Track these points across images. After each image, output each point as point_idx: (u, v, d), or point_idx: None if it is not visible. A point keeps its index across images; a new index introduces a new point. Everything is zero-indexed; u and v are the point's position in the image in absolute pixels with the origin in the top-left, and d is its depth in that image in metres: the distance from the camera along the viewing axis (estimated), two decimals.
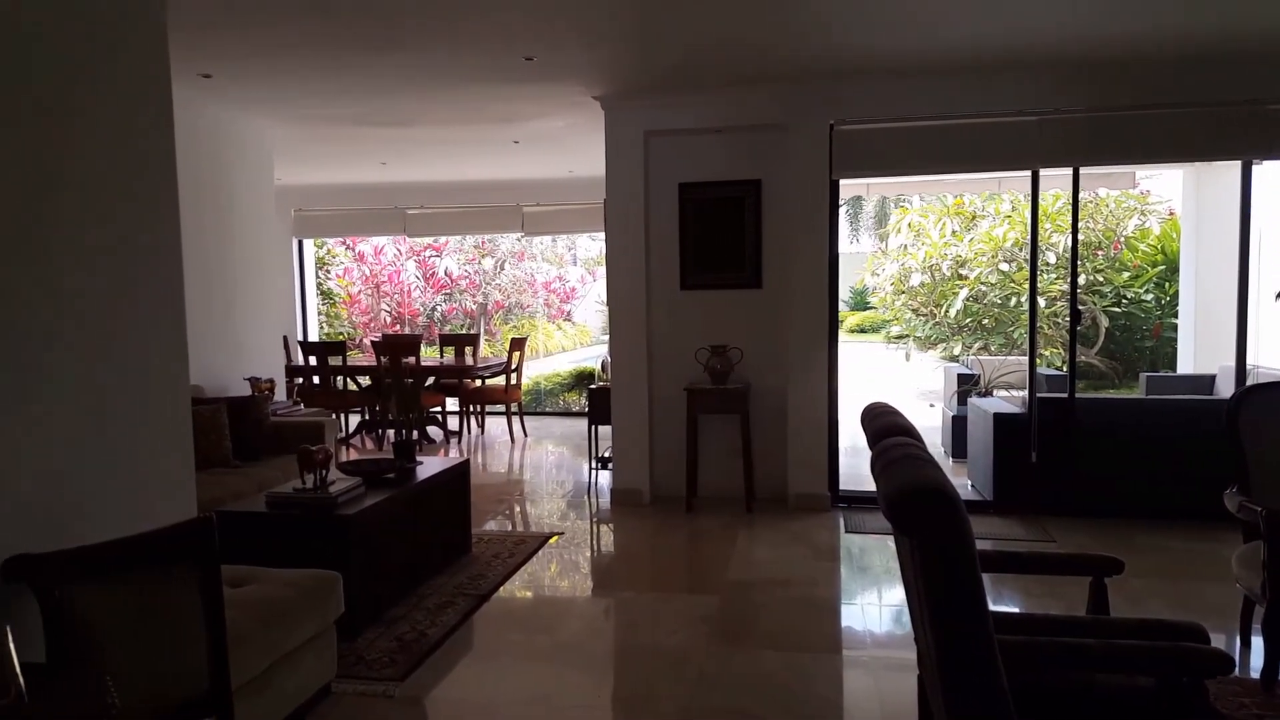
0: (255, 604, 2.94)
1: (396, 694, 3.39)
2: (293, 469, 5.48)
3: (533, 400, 11.79)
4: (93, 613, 1.82)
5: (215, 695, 2.05)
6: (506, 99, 6.32)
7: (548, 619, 4.23)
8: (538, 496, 6.84)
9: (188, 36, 4.62)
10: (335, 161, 9.21)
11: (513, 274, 16.67)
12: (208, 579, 2.04)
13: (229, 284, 6.71)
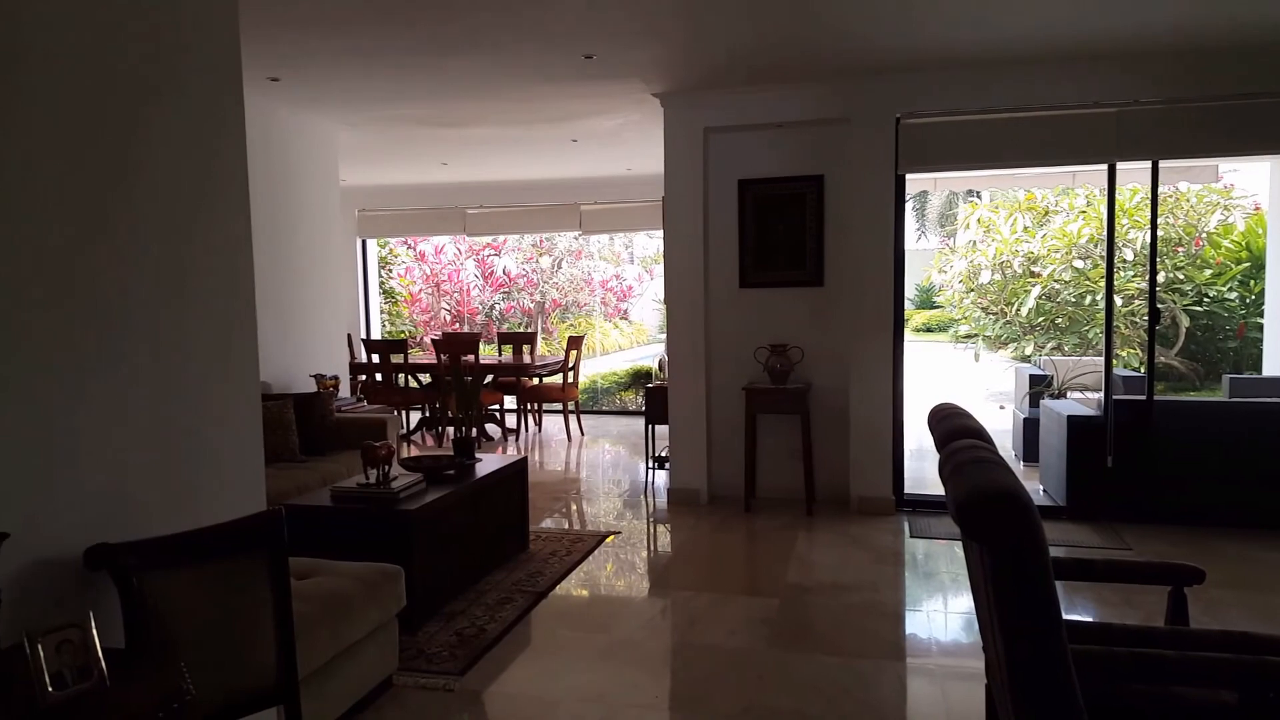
0: (320, 596, 2.99)
1: (456, 688, 3.42)
2: (356, 464, 5.58)
3: (589, 399, 11.83)
4: (168, 601, 1.86)
5: (282, 685, 2.09)
6: (566, 98, 6.34)
7: (604, 617, 4.23)
8: (594, 495, 6.85)
9: (257, 41, 4.73)
10: (398, 162, 9.35)
11: (570, 272, 16.75)
12: (277, 570, 2.07)
13: (296, 283, 6.86)
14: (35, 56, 1.81)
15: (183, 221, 2.21)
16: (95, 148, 1.97)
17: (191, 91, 2.24)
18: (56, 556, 1.82)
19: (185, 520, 2.12)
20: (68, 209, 1.90)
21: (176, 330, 2.18)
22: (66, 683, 1.43)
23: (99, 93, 1.97)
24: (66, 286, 1.88)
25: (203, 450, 2.26)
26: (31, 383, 1.78)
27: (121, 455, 2.00)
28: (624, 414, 11.24)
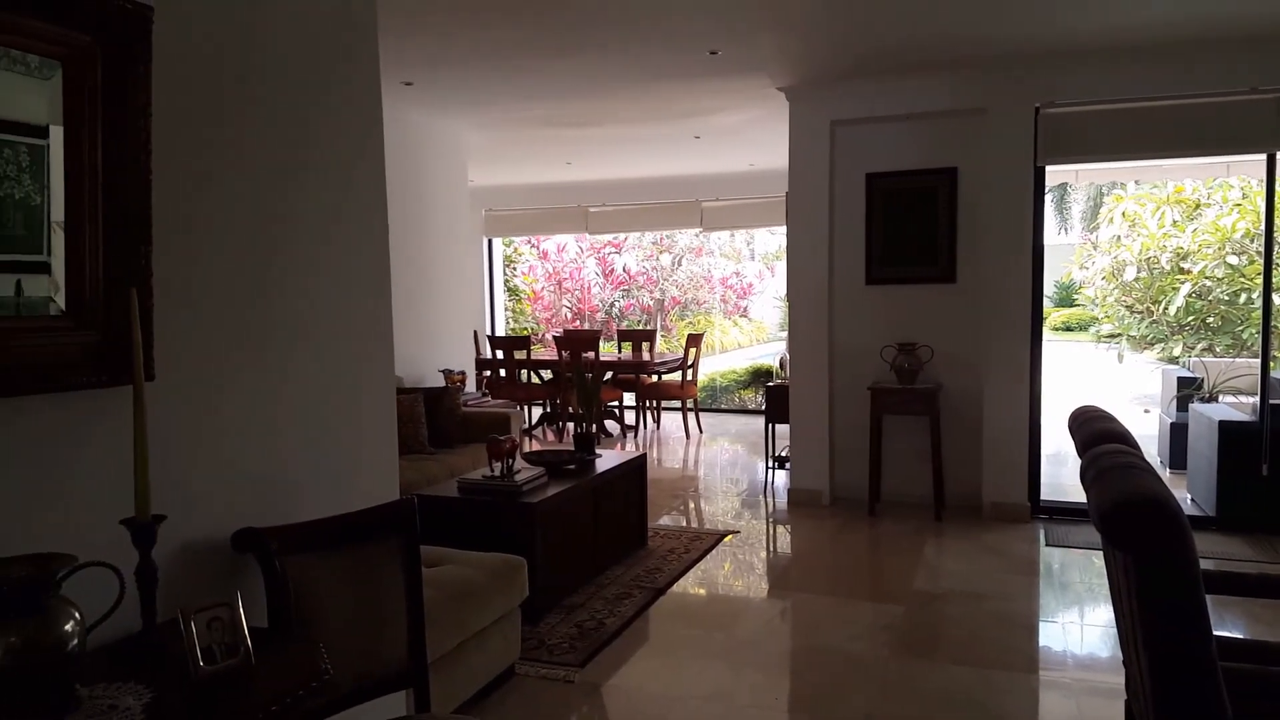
0: (448, 584, 3.06)
1: (576, 679, 3.45)
2: (481, 457, 5.71)
3: (708, 396, 11.79)
4: (308, 584, 1.93)
5: (413, 669, 2.14)
6: (689, 95, 6.32)
7: (723, 617, 4.19)
8: (712, 494, 6.81)
9: (393, 47, 4.90)
10: (523, 162, 9.55)
11: (690, 270, 16.74)
12: (409, 557, 2.13)
13: (426, 282, 7.10)
14: (230, 80, 1.91)
15: (330, 226, 2.30)
16: (266, 156, 2.07)
17: (339, 100, 2.33)
18: (207, 539, 1.91)
19: (325, 507, 2.20)
20: (241, 219, 2.00)
21: (321, 328, 2.26)
22: (216, 658, 1.50)
23: (272, 108, 2.07)
24: (230, 293, 1.98)
25: (342, 441, 2.34)
26: (191, 380, 1.88)
27: (268, 446, 2.10)
28: (743, 412, 11.14)
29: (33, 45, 1.51)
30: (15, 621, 1.26)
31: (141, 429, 1.54)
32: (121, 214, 1.65)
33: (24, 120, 1.53)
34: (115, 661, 1.55)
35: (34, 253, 1.56)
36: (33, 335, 1.54)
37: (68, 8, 1.54)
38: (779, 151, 6.43)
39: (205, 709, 1.43)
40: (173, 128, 1.78)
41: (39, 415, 1.58)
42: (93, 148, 1.60)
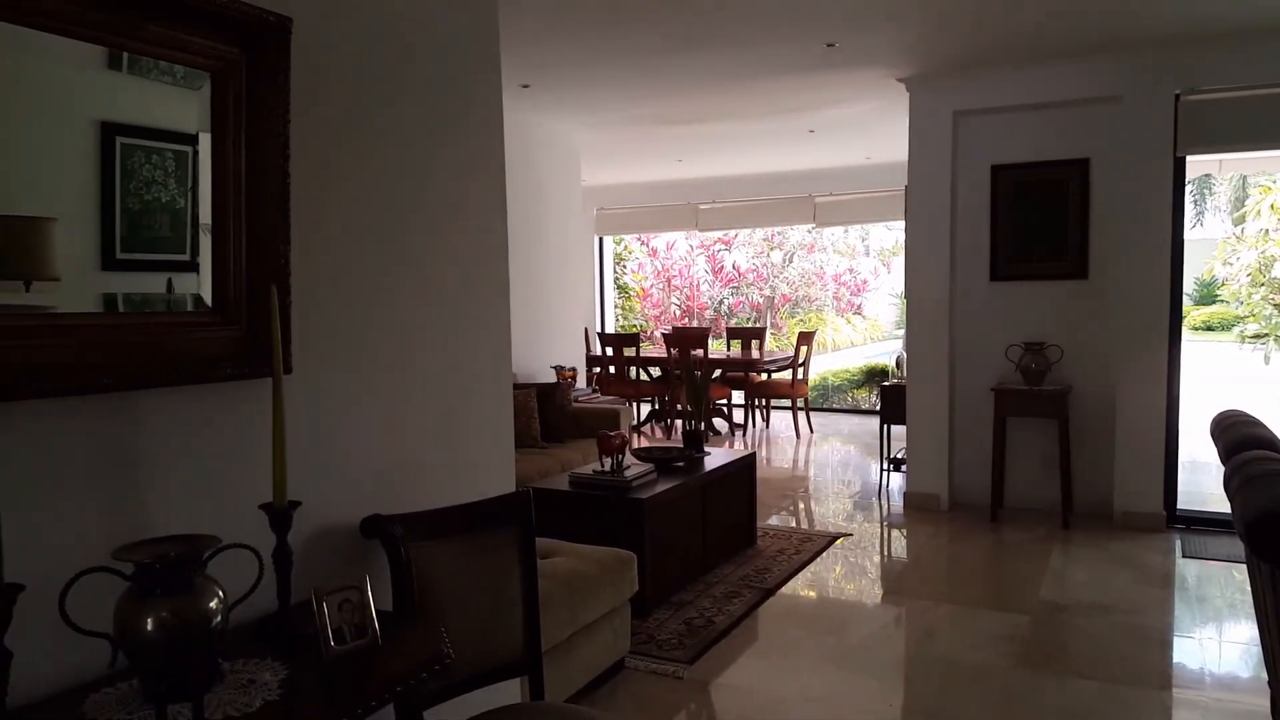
0: (561, 575, 3.12)
1: (685, 676, 3.46)
2: (591, 452, 5.79)
3: (819, 396, 11.61)
4: (430, 570, 2.00)
5: (527, 657, 2.19)
6: (804, 88, 6.24)
7: (834, 620, 4.12)
8: (823, 495, 6.71)
9: (512, 50, 5.01)
10: (634, 161, 9.61)
11: (801, 267, 16.52)
12: (525, 548, 2.18)
13: (539, 280, 7.24)
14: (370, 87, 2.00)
15: (453, 226, 2.37)
16: (393, 159, 2.15)
17: (463, 104, 2.40)
18: (336, 524, 2.00)
19: (445, 497, 2.28)
20: (369, 220, 2.09)
21: (443, 324, 2.34)
22: (346, 638, 1.57)
23: (399, 111, 2.16)
24: (359, 290, 2.07)
25: (462, 434, 2.42)
26: (323, 373, 1.97)
27: (393, 437, 2.18)
28: (856, 412, 10.93)
29: (188, 59, 1.61)
30: (167, 597, 1.34)
31: (280, 420, 1.63)
32: (262, 216, 1.74)
33: (173, 128, 1.64)
34: (253, 639, 1.64)
35: (178, 253, 1.67)
36: (183, 330, 1.65)
37: (220, 22, 1.63)
38: (898, 144, 6.27)
39: (336, 687, 1.50)
40: (306, 132, 1.87)
41: (188, 405, 1.68)
42: (236, 153, 1.69)
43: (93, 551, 1.46)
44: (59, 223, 1.48)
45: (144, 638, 1.32)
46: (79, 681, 1.47)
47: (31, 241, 1.45)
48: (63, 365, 1.44)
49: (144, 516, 1.61)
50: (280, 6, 1.75)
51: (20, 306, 1.42)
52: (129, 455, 1.59)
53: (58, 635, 1.32)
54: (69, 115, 1.49)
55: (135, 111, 1.58)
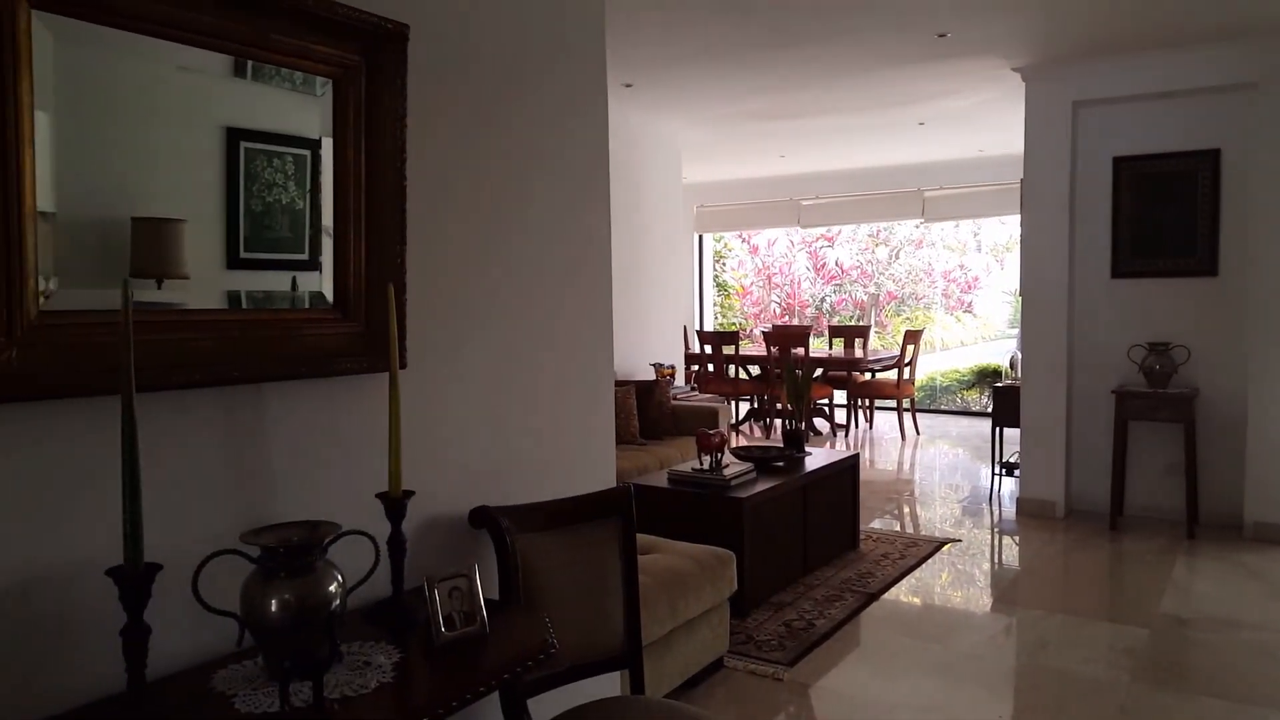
0: (660, 572, 3.13)
1: (785, 678, 3.42)
2: (690, 449, 5.79)
3: (926, 396, 11.31)
4: (534, 561, 2.04)
5: (628, 651, 2.21)
6: (914, 80, 6.09)
7: (940, 628, 4.01)
8: (930, 499, 6.53)
9: (615, 49, 5.05)
10: (736, 157, 9.56)
11: (909, 263, 16.10)
12: (626, 543, 2.20)
13: (639, 277, 7.28)
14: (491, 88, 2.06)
15: (558, 226, 2.41)
16: (500, 159, 2.20)
17: (568, 104, 2.44)
18: (445, 514, 2.07)
19: (548, 490, 2.32)
20: (477, 219, 2.15)
21: (548, 322, 2.38)
22: (455, 625, 1.62)
23: (506, 112, 2.21)
24: (467, 288, 2.13)
25: (565, 429, 2.46)
26: (435, 369, 2.04)
27: (499, 431, 2.23)
28: (965, 414, 10.62)
29: (312, 66, 1.69)
30: (290, 580, 1.41)
31: (396, 413, 1.69)
32: (379, 217, 1.81)
33: (293, 133, 1.71)
34: (367, 622, 1.71)
35: (297, 252, 1.74)
36: (306, 326, 1.73)
37: (343, 31, 1.71)
38: (1012, 135, 6.06)
39: (445, 671, 1.54)
40: (420, 135, 1.93)
41: (309, 398, 1.76)
42: (356, 156, 1.76)
43: (222, 535, 1.55)
44: (188, 224, 1.57)
45: (269, 618, 1.39)
46: (208, 658, 1.55)
47: (164, 242, 1.54)
48: (199, 359, 1.53)
49: (268, 503, 1.70)
50: (397, 13, 1.81)
51: (154, 303, 1.51)
52: (256, 444, 1.68)
53: (189, 614, 1.41)
54: (198, 121, 1.58)
55: (258, 117, 1.66)
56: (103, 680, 1.42)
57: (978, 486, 6.75)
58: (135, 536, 1.26)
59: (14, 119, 1.29)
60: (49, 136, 1.36)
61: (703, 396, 7.57)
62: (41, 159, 1.34)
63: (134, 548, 1.26)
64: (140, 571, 1.26)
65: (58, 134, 1.37)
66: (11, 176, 1.29)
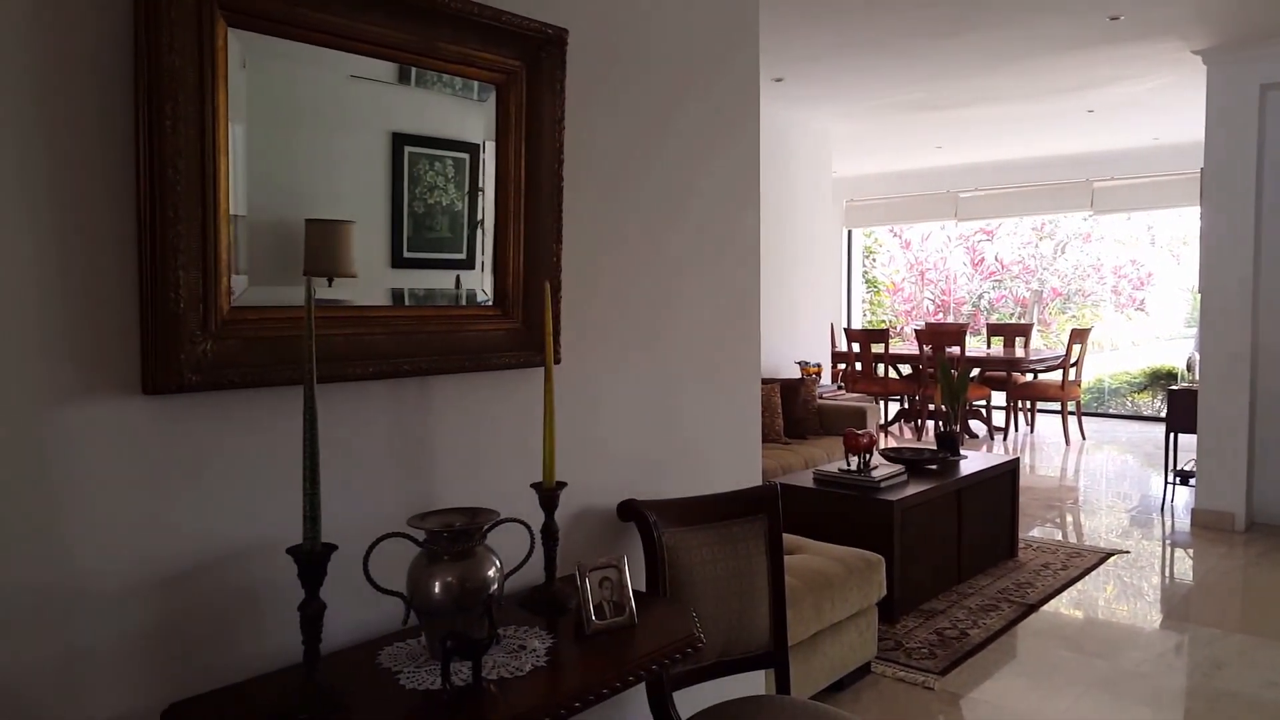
0: (805, 572, 3.10)
1: (935, 687, 3.32)
2: (836, 449, 5.69)
3: (1093, 399, 10.67)
4: (681, 556, 2.06)
5: (773, 650, 2.20)
6: (1084, 65, 5.75)
7: (1104, 643, 3.79)
8: (1095, 507, 6.16)
9: (766, 44, 5.02)
10: (888, 149, 9.30)
11: (1075, 258, 15.20)
12: (773, 542, 2.19)
13: (786, 274, 7.20)
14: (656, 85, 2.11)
15: (707, 222, 2.43)
16: (652, 158, 2.24)
17: (720, 101, 2.45)
18: (594, 506, 2.12)
19: (697, 486, 2.34)
20: (629, 216, 2.19)
21: (697, 319, 2.40)
22: (605, 614, 1.66)
23: (660, 111, 2.24)
24: (617, 285, 2.17)
25: (713, 427, 2.47)
26: (586, 364, 2.09)
27: (646, 426, 2.27)
28: (1136, 419, 9.97)
29: (476, 73, 1.77)
30: (453, 563, 1.49)
31: (550, 406, 1.74)
32: (537, 217, 1.87)
33: (455, 138, 1.78)
34: (520, 607, 1.77)
35: (456, 251, 1.81)
36: (470, 322, 1.81)
37: (506, 38, 1.77)
38: (1192, 122, 5.63)
39: (595, 659, 1.59)
40: (574, 135, 1.98)
41: (469, 390, 1.85)
42: (516, 159, 1.83)
43: (390, 519, 1.64)
44: (356, 225, 1.66)
45: (432, 599, 1.47)
46: (374, 635, 1.65)
47: (335, 242, 1.63)
48: (372, 352, 1.63)
49: (431, 489, 1.79)
50: (555, 18, 1.87)
51: (325, 300, 1.61)
52: (420, 433, 1.77)
53: (360, 592, 1.49)
54: (367, 127, 1.66)
55: (421, 122, 1.73)
56: (281, 651, 1.53)
57: (1148, 496, 6.32)
58: (314, 518, 1.34)
59: (212, 129, 1.39)
60: (241, 144, 1.46)
61: (850, 396, 7.41)
62: (236, 165, 1.45)
63: (313, 528, 1.34)
64: (318, 551, 1.34)
65: (247, 142, 1.48)
66: (209, 183, 1.40)
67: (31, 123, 1.27)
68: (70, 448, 1.32)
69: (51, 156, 1.29)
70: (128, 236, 1.36)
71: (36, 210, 1.28)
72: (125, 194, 1.36)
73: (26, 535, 1.29)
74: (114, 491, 1.37)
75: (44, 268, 1.29)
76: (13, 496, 1.27)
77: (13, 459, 1.27)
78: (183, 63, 1.35)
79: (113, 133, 1.35)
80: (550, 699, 1.42)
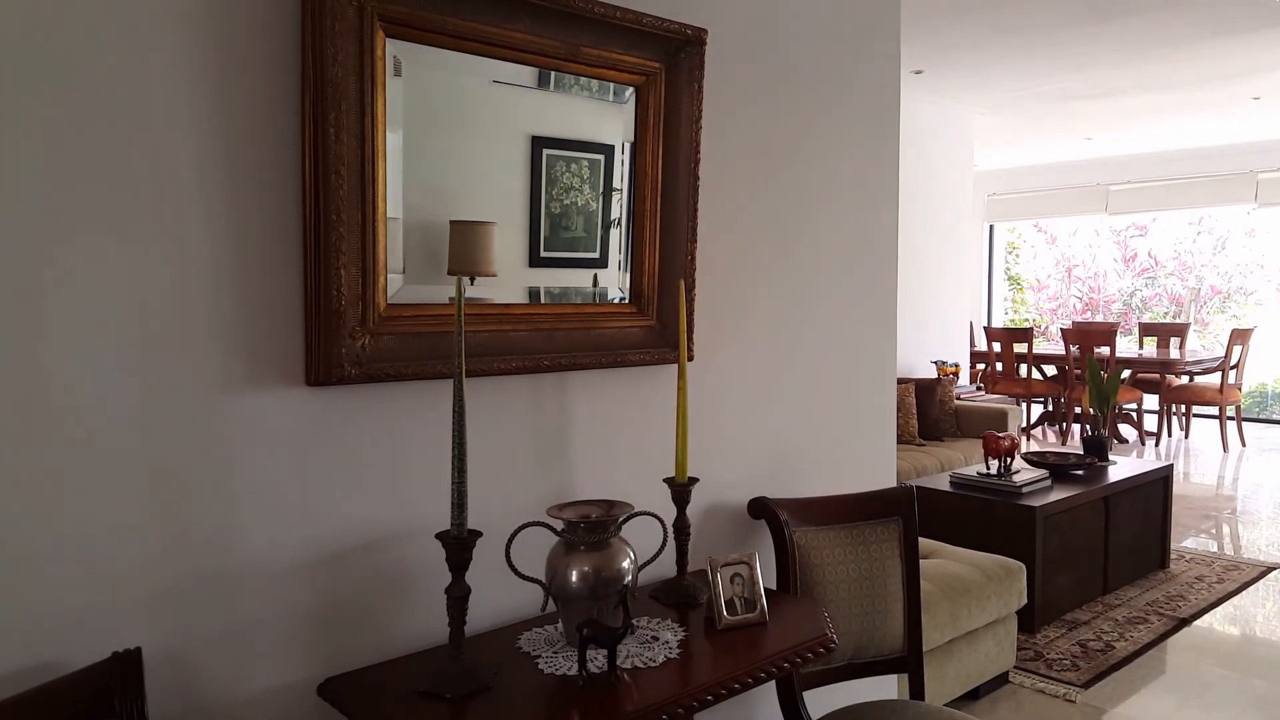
0: (941, 577, 3.02)
1: (1078, 700, 3.18)
2: (973, 452, 5.50)
3: (1256, 404, 9.93)
4: (812, 556, 2.05)
5: (907, 655, 2.16)
6: (1248, 50, 5.37)
7: (1263, 662, 3.54)
8: (1255, 519, 5.73)
9: (907, 35, 4.90)
10: (1034, 141, 8.91)
11: (1237, 254, 14.13)
12: (908, 545, 2.15)
13: (924, 270, 7.00)
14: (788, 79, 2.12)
15: (844, 217, 2.40)
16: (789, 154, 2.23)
17: (859, 96, 2.41)
18: (724, 502, 2.13)
19: (826, 485, 2.32)
20: (763, 214, 2.19)
21: (831, 316, 2.38)
22: (736, 609, 1.68)
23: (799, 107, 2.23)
24: (752, 284, 2.17)
25: (846, 426, 2.44)
26: (718, 362, 2.10)
27: (778, 424, 2.27)
28: None
29: (617, 75, 1.80)
30: (589, 553, 1.53)
31: (684, 403, 1.77)
32: (673, 217, 1.89)
33: (591, 139, 1.82)
34: (652, 599, 1.81)
35: (590, 251, 1.86)
36: (606, 320, 1.85)
37: (647, 40, 1.80)
38: None
39: (727, 653, 1.60)
40: (710, 135, 1.98)
41: (606, 386, 1.89)
42: (654, 159, 1.86)
43: (530, 508, 1.70)
44: (497, 225, 1.71)
45: (570, 587, 1.52)
46: (513, 619, 1.72)
47: (477, 242, 1.69)
48: (516, 348, 1.69)
49: (569, 481, 1.84)
50: (693, 18, 1.88)
51: (470, 298, 1.67)
52: (558, 427, 1.83)
53: (501, 577, 1.55)
54: (508, 131, 1.72)
55: (559, 125, 1.78)
56: (427, 632, 1.61)
57: None
58: (461, 505, 1.41)
59: (371, 136, 1.47)
60: (397, 150, 1.54)
61: (989, 397, 7.15)
62: (391, 170, 1.53)
63: (459, 515, 1.41)
64: (465, 537, 1.40)
65: (403, 147, 1.55)
66: (369, 187, 1.48)
67: (209, 132, 1.37)
68: (239, 436, 1.42)
69: (226, 163, 1.39)
70: (294, 238, 1.46)
71: (212, 213, 1.38)
72: (292, 198, 1.46)
73: (201, 517, 1.40)
74: (278, 477, 1.47)
75: (218, 267, 1.39)
76: (187, 481, 1.38)
77: (187, 446, 1.38)
78: (345, 74, 1.43)
79: (281, 140, 1.44)
80: (682, 691, 1.45)
